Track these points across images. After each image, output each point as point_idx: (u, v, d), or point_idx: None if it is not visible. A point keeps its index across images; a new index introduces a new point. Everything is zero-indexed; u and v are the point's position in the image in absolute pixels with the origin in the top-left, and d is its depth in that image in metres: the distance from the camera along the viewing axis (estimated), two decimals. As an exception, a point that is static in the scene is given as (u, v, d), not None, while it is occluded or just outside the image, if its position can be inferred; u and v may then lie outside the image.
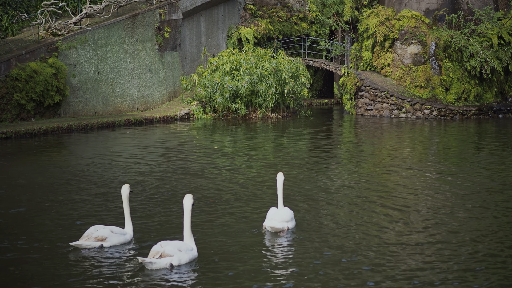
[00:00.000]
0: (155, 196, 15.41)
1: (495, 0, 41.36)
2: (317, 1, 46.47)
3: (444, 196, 15.63)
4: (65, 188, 16.34)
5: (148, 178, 17.79)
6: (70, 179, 17.51)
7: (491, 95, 38.46)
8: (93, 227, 11.39)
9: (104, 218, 13.34)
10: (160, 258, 10.00)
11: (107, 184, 16.87)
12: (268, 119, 35.07)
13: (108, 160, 21.12)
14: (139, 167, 19.71)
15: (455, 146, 26.21)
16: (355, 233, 12.27)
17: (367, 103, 38.02)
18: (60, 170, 19.08)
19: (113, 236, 11.29)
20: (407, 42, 38.03)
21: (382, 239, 11.88)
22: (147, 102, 34.77)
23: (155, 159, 21.74)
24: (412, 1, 39.65)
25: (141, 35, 34.14)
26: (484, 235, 12.17)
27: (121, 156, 21.88)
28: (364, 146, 26.14)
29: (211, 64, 36.08)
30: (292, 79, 35.86)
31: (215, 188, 16.34)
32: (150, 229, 12.43)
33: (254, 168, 19.59)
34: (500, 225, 12.96)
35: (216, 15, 40.41)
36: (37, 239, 11.74)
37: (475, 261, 10.73)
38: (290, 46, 44.65)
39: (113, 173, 18.52)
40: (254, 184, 16.90)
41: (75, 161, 21.08)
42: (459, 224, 12.99)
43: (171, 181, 17.34)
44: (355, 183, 17.25)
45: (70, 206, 14.37)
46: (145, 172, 18.74)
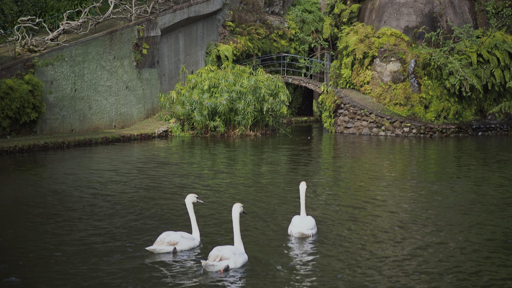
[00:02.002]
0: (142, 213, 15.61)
1: (474, 18, 42.03)
2: (296, 19, 46.93)
3: (429, 214, 15.98)
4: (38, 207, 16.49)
5: (124, 196, 17.98)
6: (44, 197, 17.66)
7: (470, 113, 38.98)
8: (164, 233, 12.39)
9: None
10: (220, 261, 11.07)
11: (78, 203, 17.05)
12: (247, 137, 35.35)
13: (81, 178, 21.28)
14: (116, 186, 19.89)
15: (434, 163, 26.60)
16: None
17: (346, 120, 38.41)
18: (33, 188, 19.23)
19: (184, 241, 12.31)
20: (387, 59, 38.52)
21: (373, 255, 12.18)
22: (124, 120, 34.96)
23: (130, 177, 21.93)
24: (391, 18, 40.21)
25: (119, 52, 34.38)
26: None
27: (95, 174, 22.05)
28: (343, 165, 26.45)
29: (190, 81, 36.34)
30: (271, 97, 36.18)
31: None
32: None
33: (232, 189, 19.83)
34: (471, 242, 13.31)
35: (195, 32, 40.74)
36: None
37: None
38: (269, 63, 45.03)
39: (82, 193, 18.69)
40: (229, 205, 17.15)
41: (48, 179, 21.23)
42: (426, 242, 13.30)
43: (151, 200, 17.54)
44: (334, 200, 17.55)
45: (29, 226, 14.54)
46: (126, 190, 18.92)
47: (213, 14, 41.78)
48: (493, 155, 29.35)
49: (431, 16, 40.06)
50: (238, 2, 43.66)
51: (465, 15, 41.45)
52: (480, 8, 42.57)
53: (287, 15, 47.24)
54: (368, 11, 42.23)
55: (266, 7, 45.92)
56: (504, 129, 38.61)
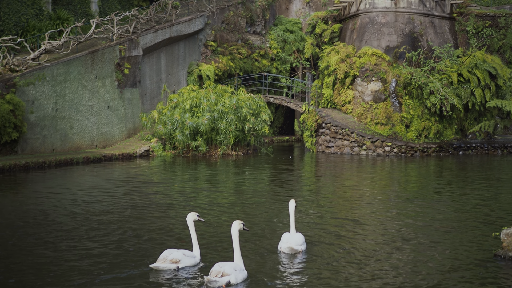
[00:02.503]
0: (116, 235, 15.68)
1: (455, 38, 42.50)
2: (278, 38, 47.23)
3: (407, 232, 16.15)
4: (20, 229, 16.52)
5: (107, 217, 18.04)
6: (21, 219, 17.68)
7: (451, 132, 39.33)
8: (167, 250, 12.69)
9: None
10: (221, 276, 11.43)
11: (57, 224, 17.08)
12: (228, 156, 35.47)
13: (66, 198, 21.31)
14: (103, 205, 19.93)
15: (416, 182, 26.81)
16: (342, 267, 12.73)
17: (328, 140, 38.63)
18: (12, 208, 19.25)
19: (185, 259, 12.62)
20: (368, 79, 38.84)
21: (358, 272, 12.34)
22: (106, 139, 35.01)
23: (116, 196, 21.97)
24: (372, 38, 40.58)
25: (100, 72, 34.48)
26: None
27: (80, 194, 22.08)
28: (325, 184, 26.60)
29: (171, 100, 36.47)
30: (253, 116, 36.35)
31: (179, 225, 16.66)
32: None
33: (214, 209, 19.93)
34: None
35: (176, 52, 40.91)
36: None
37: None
38: (251, 83, 45.25)
39: (61, 214, 18.73)
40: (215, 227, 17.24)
41: (32, 199, 21.23)
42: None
43: (130, 220, 17.61)
44: (318, 219, 17.69)
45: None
46: (113, 210, 18.97)
47: (195, 34, 41.99)
48: (474, 174, 29.62)
49: (412, 36, 40.47)
50: (220, 22, 43.92)
51: (446, 35, 41.92)
52: (461, 28, 43.06)
53: (269, 35, 47.54)
54: (349, 31, 42.60)
55: (248, 27, 46.20)
56: (484, 148, 38.96)
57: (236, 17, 45.02)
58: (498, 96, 40.11)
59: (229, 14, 44.41)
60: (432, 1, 41.36)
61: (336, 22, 45.05)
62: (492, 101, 38.02)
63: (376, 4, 41.06)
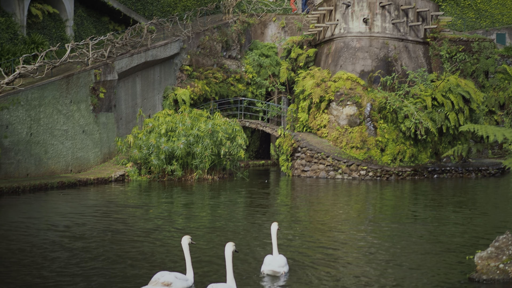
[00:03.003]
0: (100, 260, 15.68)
1: (429, 62, 42.98)
2: (253, 63, 47.49)
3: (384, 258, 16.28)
4: None
5: (89, 241, 18.03)
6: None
7: (426, 156, 39.65)
8: (159, 273, 12.72)
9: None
10: None
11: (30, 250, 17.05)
12: (204, 181, 35.51)
13: (44, 222, 21.25)
14: (61, 233, 19.91)
15: (391, 206, 27.00)
16: None
17: (303, 164, 38.80)
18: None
19: (178, 282, 12.64)
20: (343, 103, 39.12)
21: None
22: (81, 164, 34.95)
23: (93, 221, 21.95)
24: (347, 63, 40.93)
25: (75, 96, 34.48)
26: None
27: (58, 218, 22.03)
28: (301, 207, 26.72)
29: (147, 125, 36.51)
30: (229, 141, 36.46)
31: (163, 253, 16.69)
32: None
33: (188, 233, 19.98)
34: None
35: (152, 76, 41.02)
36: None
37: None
38: (226, 107, 45.40)
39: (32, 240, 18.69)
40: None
41: (10, 225, 21.17)
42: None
43: (108, 246, 17.60)
44: (295, 242, 17.79)
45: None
46: (94, 234, 18.96)
47: (171, 58, 42.15)
48: (449, 197, 29.88)
49: (386, 61, 40.87)
50: (196, 47, 44.11)
51: (420, 59, 42.37)
52: (434, 53, 43.57)
53: (244, 59, 47.80)
54: (324, 55, 42.96)
55: (224, 51, 46.44)
56: (459, 172, 39.32)
57: (212, 41, 45.24)
58: (472, 119, 40.56)
59: (204, 38, 44.62)
60: (406, 26, 41.84)
61: (311, 46, 45.41)
62: (465, 126, 37.99)
63: (351, 29, 41.46)
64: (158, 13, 46.61)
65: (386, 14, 41.29)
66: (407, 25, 41.96)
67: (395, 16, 41.54)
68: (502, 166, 40.21)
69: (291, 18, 49.47)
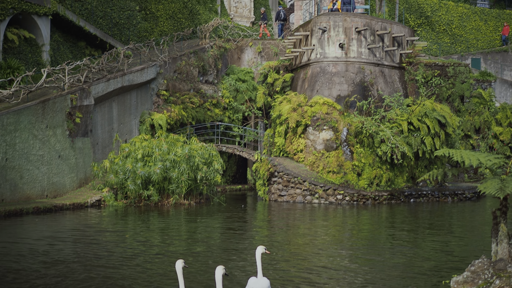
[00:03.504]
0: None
1: (404, 87, 43.36)
2: (230, 88, 47.65)
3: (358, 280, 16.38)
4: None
5: (53, 270, 17.98)
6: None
7: (402, 180, 39.88)
8: None
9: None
10: None
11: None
12: (181, 206, 35.49)
13: (23, 248, 21.17)
14: (42, 258, 19.84)
15: (368, 230, 27.13)
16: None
17: (280, 189, 38.89)
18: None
19: None
20: (319, 128, 39.32)
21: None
22: (57, 189, 34.81)
23: (71, 246, 21.89)
24: (323, 87, 41.19)
25: (51, 121, 34.42)
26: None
27: (37, 244, 21.94)
28: (278, 232, 26.78)
29: (123, 150, 36.48)
30: (205, 165, 36.50)
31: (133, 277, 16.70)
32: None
33: (162, 259, 19.98)
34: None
35: (128, 101, 41.04)
36: None
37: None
38: (203, 132, 45.47)
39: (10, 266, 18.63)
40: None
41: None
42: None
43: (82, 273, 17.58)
44: (273, 266, 17.85)
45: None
46: (76, 259, 18.91)
47: (147, 83, 42.22)
48: (425, 221, 30.06)
49: (363, 85, 41.18)
50: (172, 71, 44.23)
51: (396, 84, 42.74)
52: (410, 77, 43.98)
53: (221, 84, 47.97)
54: (300, 80, 43.22)
55: (200, 76, 46.60)
56: (435, 196, 39.58)
57: (189, 66, 45.39)
58: (448, 144, 40.90)
59: (181, 63, 44.76)
60: (382, 51, 42.23)
61: (287, 71, 45.68)
62: (440, 150, 38.33)
63: (327, 54, 41.78)
64: (135, 38, 46.74)
65: (362, 39, 41.67)
66: (383, 50, 42.35)
67: (371, 41, 41.92)
68: (478, 190, 40.46)
69: (268, 43, 49.77)
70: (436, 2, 65.58)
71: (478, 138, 51.42)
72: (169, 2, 49.06)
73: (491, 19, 66.87)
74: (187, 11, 50.43)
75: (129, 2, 46.36)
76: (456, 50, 65.07)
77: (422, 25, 64.40)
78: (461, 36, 65.79)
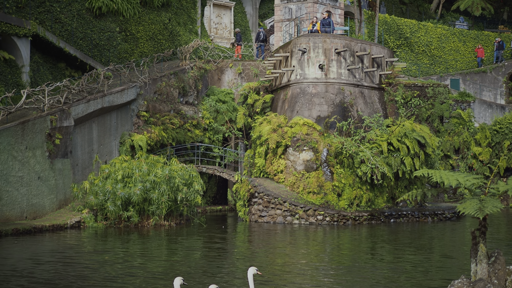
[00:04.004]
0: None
1: (384, 108, 43.67)
2: (210, 109, 47.76)
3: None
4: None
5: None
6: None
7: (382, 200, 40.07)
8: None
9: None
10: None
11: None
12: (161, 227, 35.46)
13: (6, 270, 21.12)
14: (19, 282, 19.81)
15: (348, 250, 27.25)
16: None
17: (260, 209, 38.95)
18: None
19: None
20: (299, 148, 39.47)
21: None
22: (36, 211, 34.69)
23: (40, 271, 21.85)
24: (303, 108, 41.40)
25: (31, 142, 34.37)
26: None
27: (11, 266, 21.89)
28: (259, 253, 26.83)
29: (103, 171, 36.45)
30: (186, 186, 36.53)
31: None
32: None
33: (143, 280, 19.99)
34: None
35: (108, 122, 41.04)
36: None
37: None
38: (183, 153, 45.50)
39: None
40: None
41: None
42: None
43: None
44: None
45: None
46: (51, 282, 18.88)
47: (127, 104, 42.25)
48: (405, 241, 30.22)
49: (342, 106, 41.42)
50: (153, 93, 44.31)
51: (375, 104, 43.04)
52: (389, 98, 44.32)
53: (201, 105, 48.08)
54: (280, 101, 43.41)
55: (180, 97, 46.70)
56: (415, 216, 39.79)
57: (169, 87, 45.48)
58: (427, 164, 41.20)
59: (161, 84, 44.86)
60: (361, 72, 42.55)
61: (267, 92, 45.88)
62: (419, 171, 38.55)
63: (307, 75, 42.04)
64: (115, 59, 46.80)
65: (341, 60, 41.98)
66: (363, 71, 42.68)
67: (351, 62, 42.24)
68: (457, 210, 40.72)
69: (248, 64, 49.98)
70: (415, 24, 66.19)
71: (458, 158, 51.81)
72: (149, 24, 49.21)
73: (470, 40, 67.55)
74: (167, 33, 50.60)
75: (109, 24, 46.48)
76: (435, 71, 65.63)
77: (402, 46, 64.94)
78: (440, 57, 66.39)
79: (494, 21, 77.48)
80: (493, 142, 51.96)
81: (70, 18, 44.45)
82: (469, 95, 56.34)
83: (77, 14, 44.84)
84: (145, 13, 49.02)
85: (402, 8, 76.05)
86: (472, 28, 72.13)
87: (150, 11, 49.42)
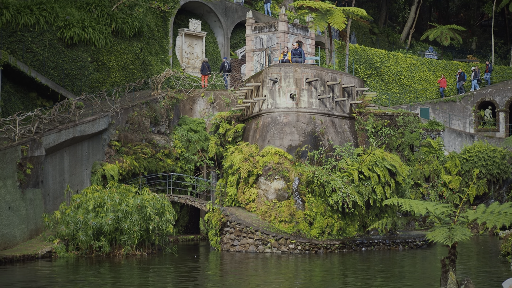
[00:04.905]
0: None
1: (355, 137, 44.11)
2: (182, 138, 47.91)
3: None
4: None
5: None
6: None
7: (353, 229, 40.33)
8: None
9: None
10: None
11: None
12: (133, 257, 35.42)
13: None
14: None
15: (320, 279, 27.41)
16: None
17: (232, 238, 39.03)
18: None
19: None
20: (271, 177, 39.68)
21: None
22: (6, 241, 34.51)
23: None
24: (275, 137, 41.68)
25: (1, 172, 34.28)
26: None
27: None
28: (231, 282, 26.91)
29: (75, 201, 36.41)
30: (157, 216, 36.56)
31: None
32: None
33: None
34: None
35: (80, 152, 41.04)
36: None
37: None
38: (155, 182, 45.54)
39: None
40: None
41: None
42: None
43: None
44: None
45: None
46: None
47: (99, 134, 42.30)
48: (376, 270, 30.44)
49: (313, 135, 41.77)
50: (124, 122, 44.41)
51: (346, 134, 43.46)
52: (360, 127, 44.77)
53: (173, 134, 48.23)
54: (252, 130, 43.68)
55: (152, 126, 46.84)
56: (386, 244, 40.09)
57: (140, 117, 45.61)
58: (398, 192, 41.60)
59: (133, 114, 44.99)
60: (332, 101, 42.98)
61: (239, 122, 46.13)
62: (389, 199, 38.93)
63: (278, 105, 42.37)
64: (87, 89, 46.88)
65: (312, 89, 42.39)
66: (333, 101, 43.11)
67: (321, 92, 42.66)
68: (426, 238, 41.07)
69: (219, 93, 50.27)
70: (385, 53, 67.03)
71: (428, 186, 52.35)
72: (121, 53, 49.40)
73: (439, 69, 68.51)
74: (139, 62, 50.81)
75: (81, 53, 46.61)
76: (405, 100, 66.42)
77: (372, 76, 65.67)
78: (410, 87, 67.22)
79: (463, 51, 78.73)
80: (463, 170, 52.62)
81: (41, 48, 44.53)
82: (438, 124, 57.09)
83: (48, 44, 44.93)
84: (117, 42, 49.21)
85: (372, 38, 77.02)
86: (441, 58, 73.24)
87: (122, 41, 49.63)
